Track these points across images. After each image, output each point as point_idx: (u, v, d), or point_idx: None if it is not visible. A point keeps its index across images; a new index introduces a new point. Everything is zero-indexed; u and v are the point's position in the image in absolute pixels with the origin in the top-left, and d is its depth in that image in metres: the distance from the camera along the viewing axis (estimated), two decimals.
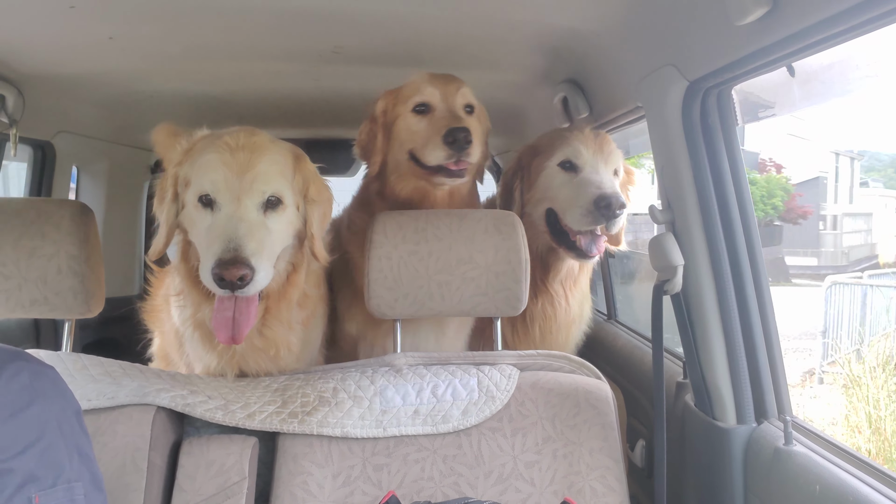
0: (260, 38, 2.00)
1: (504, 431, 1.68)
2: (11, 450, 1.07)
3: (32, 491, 1.07)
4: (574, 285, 2.27)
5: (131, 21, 1.81)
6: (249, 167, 1.59)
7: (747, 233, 1.63)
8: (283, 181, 1.65)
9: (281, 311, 1.77)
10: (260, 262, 1.53)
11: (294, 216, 1.70)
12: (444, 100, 1.97)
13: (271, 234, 1.61)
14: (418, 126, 1.96)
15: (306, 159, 1.78)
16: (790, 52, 1.27)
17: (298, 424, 1.62)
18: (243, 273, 1.48)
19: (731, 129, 1.64)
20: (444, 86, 1.98)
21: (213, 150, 1.62)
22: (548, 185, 2.17)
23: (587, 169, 2.11)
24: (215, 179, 1.59)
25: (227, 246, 1.50)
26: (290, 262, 1.77)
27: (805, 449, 1.43)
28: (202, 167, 1.61)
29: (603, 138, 2.19)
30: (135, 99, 2.60)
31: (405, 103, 1.99)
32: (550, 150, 2.18)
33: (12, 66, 2.12)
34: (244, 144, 1.62)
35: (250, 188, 1.59)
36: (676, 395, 1.85)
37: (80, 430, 1.21)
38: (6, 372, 1.10)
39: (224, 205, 1.59)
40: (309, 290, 1.88)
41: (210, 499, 1.53)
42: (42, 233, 1.75)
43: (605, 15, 1.73)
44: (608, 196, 2.00)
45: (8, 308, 1.76)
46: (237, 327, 1.59)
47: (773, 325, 1.63)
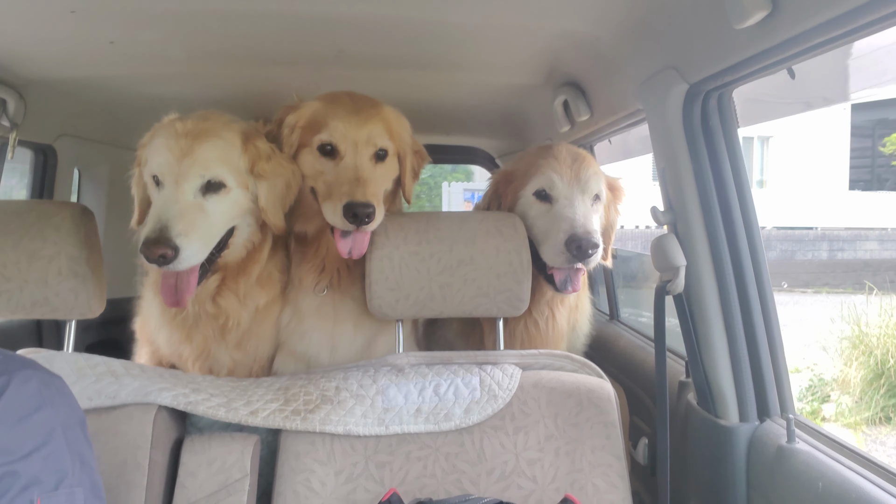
0: (262, 42, 2.00)
1: (506, 429, 1.68)
2: (17, 453, 1.08)
3: (35, 494, 1.08)
4: (560, 304, 2.13)
5: (132, 25, 1.82)
6: (189, 152, 1.72)
7: (749, 233, 1.64)
8: (224, 165, 1.76)
9: (238, 284, 1.87)
10: (187, 241, 1.66)
11: (241, 197, 1.80)
12: (354, 147, 1.79)
13: (209, 216, 1.73)
14: (322, 167, 1.81)
15: (257, 138, 1.84)
16: (790, 55, 1.28)
17: (301, 422, 1.62)
18: (163, 252, 1.62)
19: (732, 130, 1.65)
20: (355, 129, 1.79)
21: (163, 134, 1.76)
22: (524, 213, 2.03)
23: (561, 201, 1.98)
24: (160, 163, 1.73)
25: (154, 226, 1.65)
26: (249, 240, 1.87)
27: (808, 447, 1.44)
28: (153, 151, 1.76)
29: (581, 163, 2.05)
30: (136, 103, 2.60)
31: (311, 135, 1.82)
32: (525, 178, 2.05)
33: (14, 71, 2.13)
34: (190, 130, 1.75)
35: (188, 172, 1.71)
36: (679, 394, 1.85)
37: (84, 439, 1.22)
38: (16, 378, 1.12)
39: (166, 186, 1.73)
40: (274, 272, 1.96)
41: (212, 496, 1.53)
42: (43, 235, 1.75)
43: (606, 18, 1.74)
44: (579, 238, 1.86)
45: (10, 309, 1.77)
46: (179, 293, 1.74)
47: (776, 323, 1.64)
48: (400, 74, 2.31)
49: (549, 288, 2.01)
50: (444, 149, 3.67)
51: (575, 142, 2.54)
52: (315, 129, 1.82)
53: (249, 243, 1.87)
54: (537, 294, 2.02)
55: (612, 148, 2.61)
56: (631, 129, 2.28)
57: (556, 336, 2.13)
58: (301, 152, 1.86)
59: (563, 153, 2.07)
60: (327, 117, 1.81)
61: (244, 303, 1.90)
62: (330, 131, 1.80)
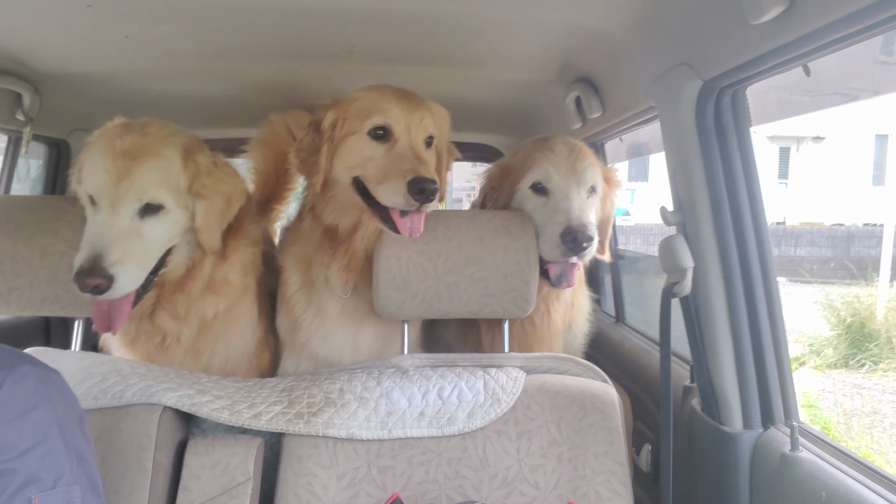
0: (275, 37, 2.00)
1: (509, 434, 1.67)
2: (14, 451, 1.08)
3: (33, 492, 1.08)
4: (557, 300, 2.11)
5: (147, 20, 1.83)
6: (126, 174, 1.64)
7: (758, 236, 1.61)
8: (163, 187, 1.69)
9: (174, 302, 1.82)
10: (123, 269, 1.60)
11: (180, 216, 1.74)
12: (408, 130, 1.77)
13: (146, 240, 1.67)
14: (373, 153, 1.76)
15: (199, 153, 1.78)
16: (806, 52, 1.26)
17: (304, 425, 1.62)
18: (97, 283, 1.57)
19: (745, 129, 1.62)
20: (408, 112, 1.78)
21: (99, 152, 1.67)
22: (520, 207, 2.03)
23: (557, 193, 1.97)
24: (96, 183, 1.65)
25: (89, 255, 1.59)
26: (189, 257, 1.81)
27: (812, 455, 1.42)
28: (89, 168, 1.68)
29: (577, 155, 2.04)
30: (150, 98, 2.62)
31: (360, 121, 1.78)
32: (522, 171, 2.04)
33: (29, 65, 2.15)
34: (128, 149, 1.66)
35: (125, 196, 1.64)
36: (683, 399, 1.83)
37: (82, 436, 1.22)
38: (13, 375, 1.12)
39: (101, 209, 1.65)
40: (232, 276, 1.89)
41: (215, 499, 1.53)
42: (55, 230, 1.76)
43: (619, 13, 1.71)
44: (574, 230, 1.85)
45: (20, 306, 1.78)
46: (111, 320, 1.69)
47: (782, 330, 1.61)
48: (411, 70, 2.30)
49: (545, 283, 1.99)
50: (455, 145, 3.65)
51: (586, 139, 2.51)
52: (364, 116, 1.77)
53: (189, 260, 1.81)
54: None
55: (623, 146, 2.58)
56: (643, 126, 2.25)
57: (551, 334, 2.11)
58: (345, 141, 1.80)
59: (560, 145, 2.06)
60: (379, 102, 1.78)
61: (185, 319, 1.84)
62: (384, 114, 1.76)
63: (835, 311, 8.77)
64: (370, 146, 1.77)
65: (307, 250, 1.93)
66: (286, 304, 2.00)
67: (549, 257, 1.92)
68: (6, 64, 2.10)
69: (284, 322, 2.03)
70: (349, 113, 1.80)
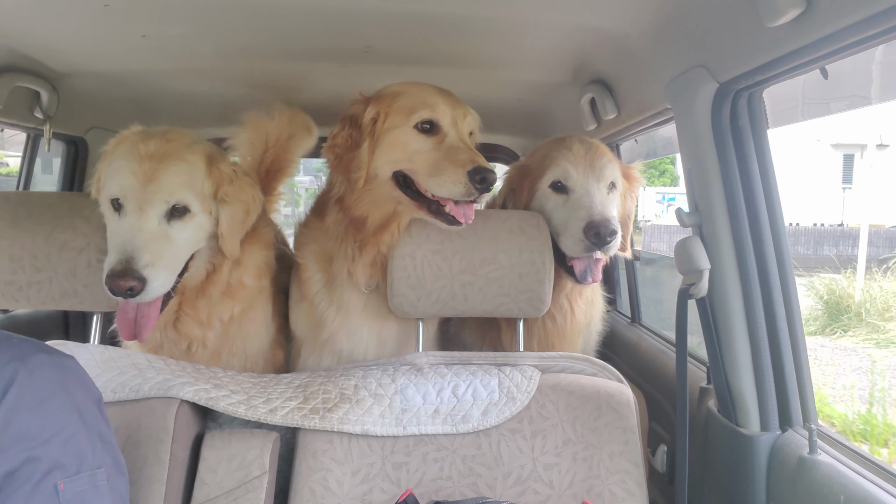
0: (291, 37, 2.01)
1: (524, 433, 1.67)
2: (37, 439, 1.09)
3: (58, 478, 1.09)
4: (579, 296, 2.14)
5: (164, 20, 1.84)
6: (154, 176, 1.65)
7: (776, 238, 1.61)
8: (189, 190, 1.70)
9: (197, 308, 1.82)
10: (154, 272, 1.60)
11: (205, 222, 1.75)
12: (455, 124, 1.79)
13: (174, 243, 1.67)
14: (421, 146, 1.77)
15: (222, 161, 1.80)
16: (824, 55, 1.25)
17: (320, 421, 1.63)
18: (131, 285, 1.57)
19: (762, 131, 1.61)
20: (453, 107, 1.81)
21: (124, 156, 1.67)
22: (541, 206, 2.06)
23: (577, 190, 2.00)
24: (123, 186, 1.65)
25: (120, 257, 1.59)
26: (209, 262, 1.82)
27: (830, 458, 1.41)
28: (114, 172, 1.68)
29: (595, 152, 2.07)
30: (166, 97, 2.64)
31: (405, 115, 1.78)
32: (541, 171, 2.07)
33: (47, 64, 2.17)
34: (153, 152, 1.67)
35: (153, 198, 1.65)
36: (699, 401, 1.82)
37: (101, 418, 1.23)
38: (28, 364, 1.12)
39: (128, 213, 1.65)
40: (247, 280, 1.90)
41: (231, 492, 1.54)
42: (73, 226, 1.78)
43: (635, 15, 1.71)
44: (597, 224, 1.88)
45: (39, 300, 1.80)
46: (139, 328, 1.69)
47: (800, 331, 1.60)
48: (426, 71, 2.31)
49: (569, 280, 2.02)
50: None
51: (601, 141, 2.50)
52: (409, 111, 1.78)
53: (210, 265, 1.83)
54: (557, 288, 2.02)
55: (638, 147, 2.58)
56: (658, 128, 2.24)
57: (573, 331, 2.14)
58: (387, 136, 1.79)
59: (577, 143, 2.09)
60: (424, 97, 1.80)
61: (208, 323, 1.85)
62: (431, 109, 1.77)
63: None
64: (418, 139, 1.77)
65: (329, 246, 1.93)
66: (307, 301, 2.00)
67: (573, 253, 1.95)
68: (25, 63, 2.12)
69: (303, 319, 2.04)
70: (392, 108, 1.80)
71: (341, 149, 1.82)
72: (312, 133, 2.42)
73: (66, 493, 1.09)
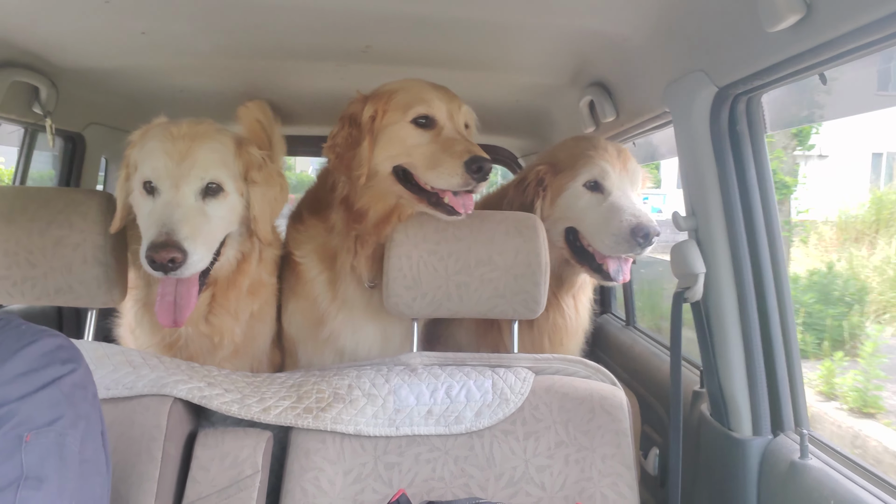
0: (290, 36, 2.01)
1: (517, 434, 1.67)
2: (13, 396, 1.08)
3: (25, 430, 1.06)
4: (583, 294, 2.22)
5: (164, 17, 1.84)
6: (188, 154, 1.67)
7: (771, 243, 1.61)
8: (223, 168, 1.72)
9: (229, 299, 1.84)
10: (193, 246, 1.60)
11: (237, 203, 1.77)
12: (451, 117, 1.83)
13: (210, 220, 1.69)
14: (418, 140, 1.80)
15: (250, 145, 1.83)
16: (823, 61, 1.25)
17: (313, 420, 1.63)
18: (173, 256, 1.56)
19: (760, 137, 1.62)
20: (448, 101, 1.85)
21: (157, 138, 1.70)
22: (571, 205, 2.08)
23: (616, 192, 2.04)
24: (156, 167, 1.67)
25: (160, 230, 1.59)
26: (238, 251, 1.84)
27: (821, 463, 1.42)
28: (146, 154, 1.69)
29: (626, 155, 2.12)
30: (165, 94, 2.64)
31: (402, 111, 1.82)
32: (574, 169, 2.09)
33: (47, 59, 2.16)
34: (186, 133, 1.70)
35: (188, 174, 1.66)
36: (692, 404, 1.83)
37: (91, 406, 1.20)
38: (40, 341, 1.14)
39: (164, 191, 1.66)
40: (265, 277, 1.93)
41: (223, 491, 1.54)
42: (69, 222, 1.78)
43: (634, 18, 1.72)
44: (645, 226, 1.94)
45: (34, 295, 1.79)
46: (178, 311, 1.68)
47: (794, 336, 1.61)
48: (425, 72, 2.30)
49: (596, 278, 2.09)
50: None
51: None
52: (406, 107, 1.82)
53: (239, 254, 1.85)
54: (566, 285, 2.11)
55: (636, 150, 2.58)
56: (656, 132, 2.25)
57: (578, 327, 2.21)
58: (386, 132, 1.83)
59: (607, 145, 2.12)
60: (420, 93, 1.84)
61: (236, 317, 1.87)
62: (427, 104, 1.81)
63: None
64: (415, 134, 1.81)
65: (332, 245, 1.95)
66: (306, 299, 2.01)
67: (613, 252, 2.00)
68: (24, 58, 2.12)
69: (299, 318, 2.04)
70: (389, 105, 1.84)
71: (342, 148, 1.85)
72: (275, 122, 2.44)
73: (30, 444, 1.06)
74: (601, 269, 2.05)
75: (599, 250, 2.03)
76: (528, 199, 2.14)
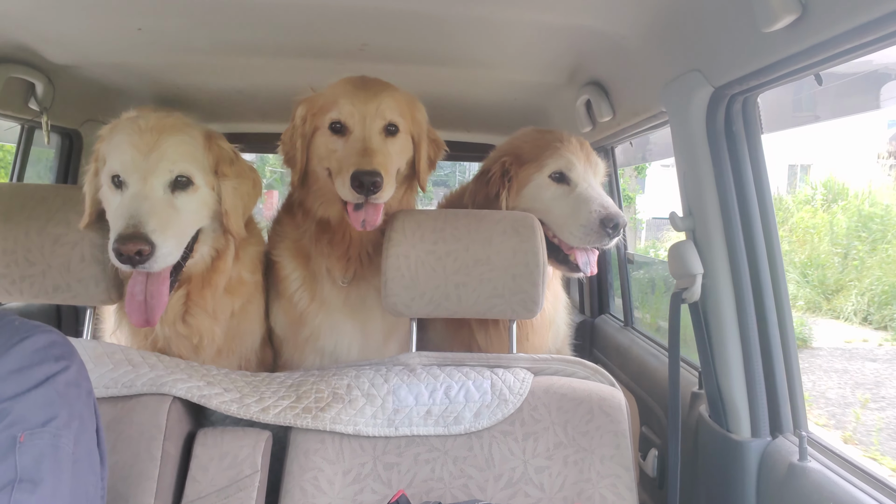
0: (286, 34, 2.01)
1: (515, 435, 1.67)
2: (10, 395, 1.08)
3: (19, 431, 1.06)
4: (547, 289, 2.09)
5: (160, 14, 1.84)
6: (156, 147, 1.64)
7: (769, 243, 1.61)
8: (192, 162, 1.70)
9: (205, 298, 1.81)
10: (162, 238, 1.57)
11: (208, 197, 1.74)
12: (362, 121, 1.78)
13: (179, 213, 1.65)
14: (334, 146, 1.80)
15: (220, 139, 1.81)
16: (819, 61, 1.26)
17: (312, 420, 1.62)
18: (140, 248, 1.53)
19: (756, 136, 1.62)
20: (363, 104, 1.79)
21: (124, 131, 1.67)
22: (536, 196, 2.06)
23: (582, 184, 2.03)
24: (124, 160, 1.64)
25: (128, 222, 1.55)
26: (212, 247, 1.81)
27: (820, 465, 1.42)
28: (114, 148, 1.67)
29: (587, 147, 2.12)
30: (161, 90, 2.63)
31: (322, 116, 1.82)
32: (539, 160, 2.07)
33: (43, 56, 2.16)
34: (154, 126, 1.67)
35: (156, 167, 1.63)
36: (691, 406, 1.83)
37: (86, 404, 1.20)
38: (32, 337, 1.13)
39: (131, 184, 1.63)
40: (245, 274, 1.91)
41: (222, 490, 1.53)
42: (67, 220, 1.77)
43: (631, 18, 1.72)
44: (615, 216, 1.94)
45: (32, 293, 1.79)
46: (150, 310, 1.64)
47: (792, 338, 1.61)
48: (422, 70, 2.31)
49: (563, 270, 2.08)
50: (463, 146, 3.66)
51: (596, 143, 2.51)
52: (325, 111, 1.82)
53: (213, 251, 1.82)
54: None
55: (633, 150, 2.58)
56: (653, 131, 2.25)
57: (543, 324, 2.18)
58: (315, 136, 1.85)
59: (570, 136, 2.11)
60: (336, 97, 1.82)
61: (215, 316, 1.84)
62: (339, 109, 1.79)
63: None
64: (331, 140, 1.81)
65: (304, 243, 1.96)
66: (286, 299, 2.00)
67: (581, 244, 2.00)
68: (20, 54, 2.11)
69: (282, 317, 2.03)
70: (316, 107, 1.85)
71: (287, 146, 1.90)
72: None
73: (24, 445, 1.06)
74: (567, 260, 2.05)
75: (568, 242, 2.02)
76: (492, 191, 2.11)
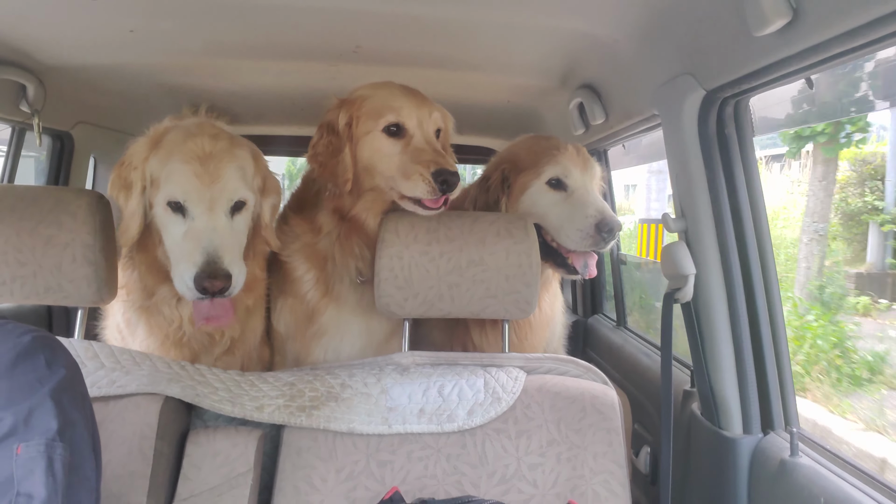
0: (280, 35, 2.01)
1: (509, 433, 1.68)
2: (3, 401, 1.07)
3: (15, 442, 1.06)
4: (547, 291, 2.22)
5: (152, 15, 1.83)
6: (218, 176, 1.69)
7: (760, 244, 1.63)
8: (247, 187, 1.76)
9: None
10: (237, 269, 1.66)
11: (252, 213, 1.81)
12: (420, 125, 1.84)
13: (237, 235, 1.73)
14: (391, 149, 1.83)
15: (261, 156, 1.87)
16: (810, 65, 1.27)
17: (306, 418, 1.63)
18: (223, 285, 1.62)
19: (748, 139, 1.64)
20: (418, 108, 1.85)
21: (181, 158, 1.69)
22: (535, 201, 2.11)
23: (579, 190, 2.08)
24: (187, 189, 1.68)
25: (207, 259, 1.62)
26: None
27: (811, 461, 1.43)
28: (172, 175, 1.70)
29: (584, 153, 2.16)
30: (154, 92, 2.62)
31: (374, 120, 1.84)
32: (536, 167, 2.11)
33: (34, 57, 2.14)
34: (210, 152, 1.70)
35: (220, 197, 1.69)
36: (683, 403, 1.84)
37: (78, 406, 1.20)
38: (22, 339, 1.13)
39: (197, 214, 1.68)
40: (257, 272, 1.95)
41: (215, 489, 1.53)
42: (58, 221, 1.76)
43: (624, 21, 1.73)
44: (609, 221, 1.99)
45: (23, 294, 1.78)
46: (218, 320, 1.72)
47: (783, 336, 1.63)
48: (415, 72, 2.31)
49: (562, 272, 2.12)
50: (456, 148, 3.66)
51: (589, 146, 2.53)
52: (377, 115, 1.84)
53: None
54: None
55: (626, 153, 2.60)
56: (646, 134, 2.27)
57: (541, 323, 2.22)
58: (363, 140, 1.85)
59: (567, 144, 2.15)
60: (389, 100, 1.85)
61: (237, 314, 1.86)
62: (396, 112, 1.82)
63: None
64: (387, 143, 1.83)
65: (322, 245, 1.97)
66: (297, 298, 2.01)
67: (578, 247, 2.04)
68: (11, 55, 2.10)
69: (287, 315, 2.05)
70: (362, 111, 1.85)
71: (324, 156, 1.88)
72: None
73: (20, 457, 1.06)
74: (566, 263, 2.10)
75: (564, 245, 2.07)
76: (492, 197, 2.16)
